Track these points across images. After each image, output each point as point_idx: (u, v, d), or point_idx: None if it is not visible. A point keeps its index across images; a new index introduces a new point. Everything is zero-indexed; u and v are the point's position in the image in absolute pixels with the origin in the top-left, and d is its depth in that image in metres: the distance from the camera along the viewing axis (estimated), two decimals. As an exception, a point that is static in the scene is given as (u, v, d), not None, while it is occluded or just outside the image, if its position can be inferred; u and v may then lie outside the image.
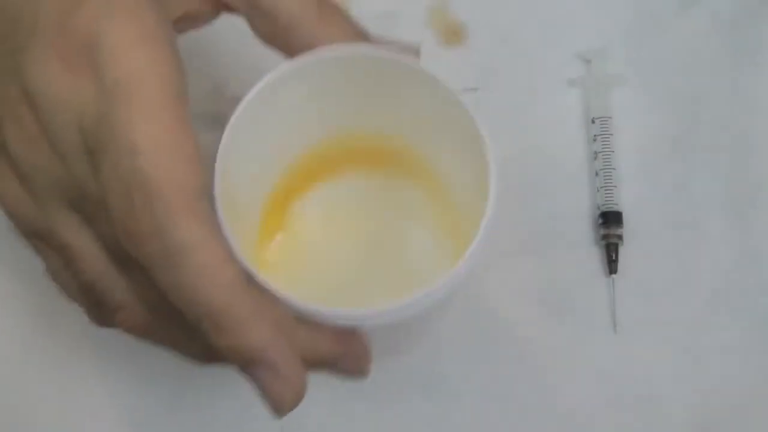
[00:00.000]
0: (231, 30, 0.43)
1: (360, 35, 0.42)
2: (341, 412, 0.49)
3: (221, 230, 0.36)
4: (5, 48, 0.37)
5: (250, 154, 0.41)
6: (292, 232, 0.47)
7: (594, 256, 0.52)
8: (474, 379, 0.50)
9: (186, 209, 0.35)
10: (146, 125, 0.35)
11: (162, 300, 0.37)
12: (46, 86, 0.36)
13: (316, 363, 0.38)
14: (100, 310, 0.39)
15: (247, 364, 0.36)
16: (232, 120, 0.40)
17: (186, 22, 0.41)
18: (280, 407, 0.37)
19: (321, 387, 0.40)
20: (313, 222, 0.47)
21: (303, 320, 0.38)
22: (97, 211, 0.37)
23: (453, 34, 0.55)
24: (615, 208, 0.52)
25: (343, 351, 0.39)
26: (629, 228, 0.52)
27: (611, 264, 0.51)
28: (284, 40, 0.42)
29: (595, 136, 0.53)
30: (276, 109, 0.42)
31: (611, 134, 0.53)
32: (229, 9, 0.42)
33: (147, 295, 0.38)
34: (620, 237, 0.51)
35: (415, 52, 0.42)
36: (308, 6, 0.41)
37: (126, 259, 0.37)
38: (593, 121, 0.53)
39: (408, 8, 0.55)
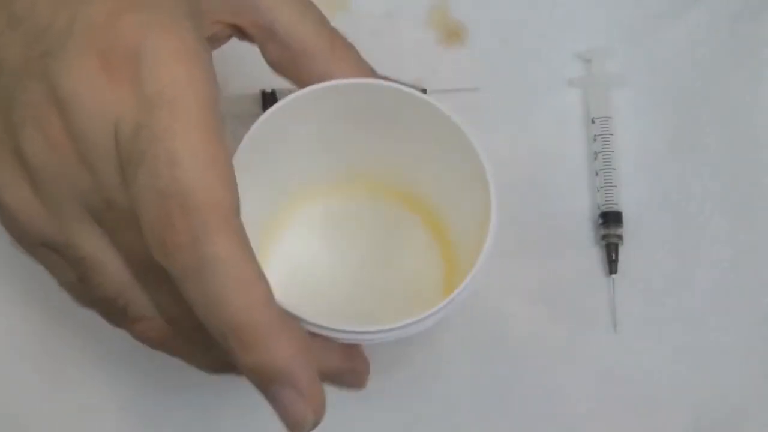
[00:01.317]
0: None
1: (369, 71, 0.44)
2: (341, 412, 0.49)
3: (251, 248, 0.36)
4: (30, 53, 0.37)
5: (254, 181, 0.41)
6: (286, 252, 0.47)
7: (594, 256, 0.52)
8: (474, 379, 0.50)
9: (222, 223, 0.35)
10: (187, 137, 0.35)
11: (184, 314, 0.37)
12: (82, 91, 0.35)
13: (323, 378, 0.38)
14: (118, 319, 0.39)
15: (271, 383, 0.36)
16: (239, 149, 0.41)
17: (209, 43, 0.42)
18: (300, 428, 0.36)
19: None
20: (306, 242, 0.47)
21: (314, 336, 0.38)
22: (123, 221, 0.36)
23: (453, 34, 0.55)
24: (615, 208, 0.52)
25: (350, 367, 0.40)
26: (629, 228, 0.52)
27: (611, 264, 0.51)
28: (296, 70, 0.43)
29: (595, 136, 0.53)
30: (283, 137, 0.43)
31: (611, 134, 0.53)
32: (244, 35, 0.43)
33: (168, 308, 0.38)
34: (620, 237, 0.51)
35: (420, 93, 0.43)
36: (322, 38, 0.43)
37: (148, 272, 0.37)
38: (593, 121, 0.53)
39: (408, 8, 0.55)
